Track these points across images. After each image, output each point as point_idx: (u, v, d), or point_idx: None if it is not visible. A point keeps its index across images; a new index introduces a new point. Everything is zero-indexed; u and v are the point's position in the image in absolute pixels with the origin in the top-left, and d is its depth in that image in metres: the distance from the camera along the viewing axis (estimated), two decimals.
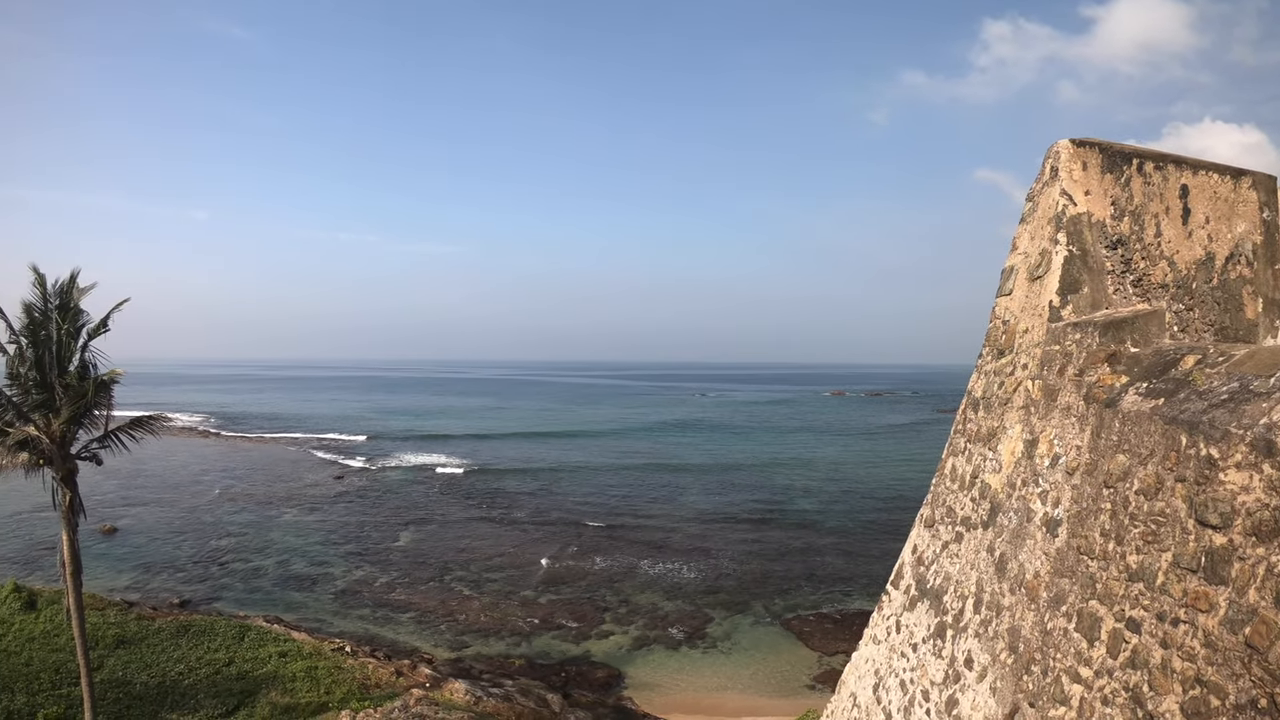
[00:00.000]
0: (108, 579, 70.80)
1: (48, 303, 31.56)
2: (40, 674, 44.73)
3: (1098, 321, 9.91)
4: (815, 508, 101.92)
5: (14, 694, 42.00)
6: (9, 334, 31.16)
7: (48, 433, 31.05)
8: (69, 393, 31.29)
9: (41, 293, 31.45)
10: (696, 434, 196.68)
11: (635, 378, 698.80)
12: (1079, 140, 11.25)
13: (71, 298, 31.89)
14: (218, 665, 46.76)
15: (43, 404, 31.31)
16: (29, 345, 31.31)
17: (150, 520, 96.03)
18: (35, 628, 51.90)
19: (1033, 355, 10.98)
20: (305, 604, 66.22)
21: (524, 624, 61.40)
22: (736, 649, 56.27)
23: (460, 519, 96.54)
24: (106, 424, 33.06)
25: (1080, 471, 9.27)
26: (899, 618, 14.47)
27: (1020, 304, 11.65)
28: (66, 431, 31.55)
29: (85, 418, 32.15)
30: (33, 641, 49.68)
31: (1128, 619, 8.16)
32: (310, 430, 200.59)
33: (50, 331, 31.51)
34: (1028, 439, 10.65)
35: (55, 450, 31.20)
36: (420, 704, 41.89)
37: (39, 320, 31.37)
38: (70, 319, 31.74)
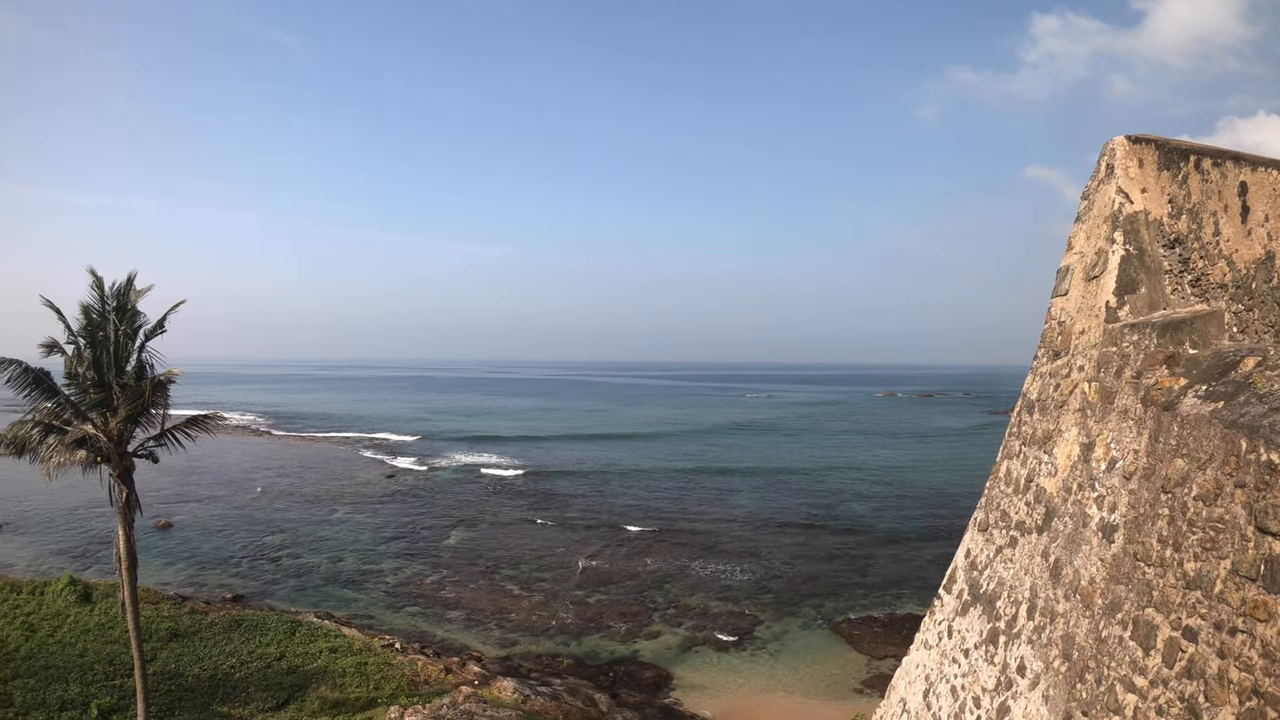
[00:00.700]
0: (162, 573, 71.96)
1: (105, 305, 32.08)
2: (94, 665, 45.43)
3: (1155, 322, 9.70)
4: (866, 510, 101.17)
5: (68, 684, 42.71)
6: (67, 335, 31.69)
7: (105, 431, 31.56)
8: (126, 392, 31.76)
9: (99, 295, 31.98)
10: (747, 435, 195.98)
11: (684, 378, 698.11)
12: (1134, 137, 11.03)
13: (128, 300, 32.35)
14: (269, 659, 47.22)
15: (100, 403, 31.81)
16: (87, 346, 31.85)
17: (204, 516, 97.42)
18: (90, 620, 52.75)
19: (1089, 357, 10.77)
20: (356, 600, 66.79)
21: (573, 623, 61.49)
22: (785, 651, 55.96)
23: (510, 519, 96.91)
24: (163, 422, 33.49)
25: (1137, 476, 9.07)
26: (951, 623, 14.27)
27: (1076, 305, 11.44)
28: (123, 430, 32.02)
29: (142, 416, 32.58)
30: (87, 633, 50.50)
31: (1184, 627, 7.98)
32: (361, 429, 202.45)
33: (108, 333, 32.02)
34: (1084, 442, 10.45)
35: (112, 448, 31.69)
36: (468, 701, 42.06)
37: (97, 322, 31.89)
38: (127, 320, 32.19)
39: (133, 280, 32.74)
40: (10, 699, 40.42)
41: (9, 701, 40.16)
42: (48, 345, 31.26)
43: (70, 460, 30.61)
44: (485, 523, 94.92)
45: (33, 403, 31.72)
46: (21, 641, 49.10)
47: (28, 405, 32.00)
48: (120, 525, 32.75)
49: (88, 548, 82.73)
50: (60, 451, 30.48)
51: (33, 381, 31.23)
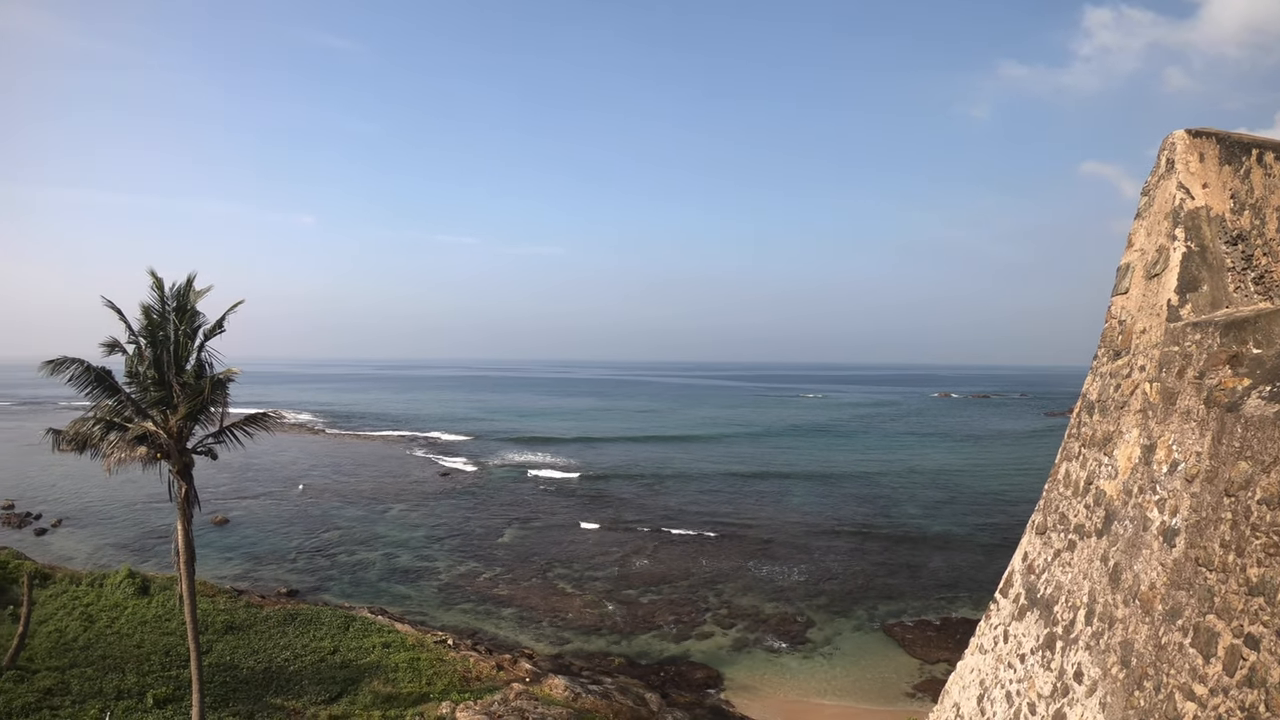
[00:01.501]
0: (219, 568, 73.12)
1: (165, 305, 32.54)
2: (150, 656, 46.15)
3: (1218, 321, 9.47)
4: (920, 513, 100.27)
5: (125, 674, 43.42)
6: (128, 334, 32.21)
7: (165, 428, 32.03)
8: (186, 390, 32.22)
9: (159, 295, 32.45)
10: (801, 436, 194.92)
11: (738, 378, 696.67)
12: (1195, 130, 10.79)
13: (188, 300, 32.78)
14: (322, 653, 47.69)
15: (160, 401, 32.30)
16: (147, 345, 32.36)
17: (260, 512, 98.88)
18: (147, 612, 53.63)
19: (1150, 357, 10.55)
20: (409, 596, 67.33)
21: (624, 623, 61.53)
22: (837, 654, 55.59)
23: (564, 519, 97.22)
24: (222, 420, 33.90)
25: (1200, 479, 8.86)
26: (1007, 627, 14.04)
27: (1137, 303, 11.21)
28: (183, 427, 32.48)
29: (201, 414, 33.01)
30: (144, 625, 51.33)
31: (1246, 635, 7.77)
32: (416, 428, 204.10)
33: (168, 332, 32.49)
34: (1145, 444, 10.23)
35: (172, 445, 32.15)
36: (520, 698, 42.22)
37: (157, 322, 32.36)
38: (187, 320, 32.63)
39: (192, 281, 33.20)
40: (68, 688, 41.18)
41: (66, 690, 40.92)
42: (109, 344, 31.78)
43: (131, 456, 31.11)
44: (538, 522, 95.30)
45: (94, 400, 32.28)
46: (80, 632, 50.04)
47: (89, 403, 32.59)
48: (179, 520, 33.23)
49: (145, 541, 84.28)
50: (121, 447, 30.99)
51: (94, 380, 31.78)
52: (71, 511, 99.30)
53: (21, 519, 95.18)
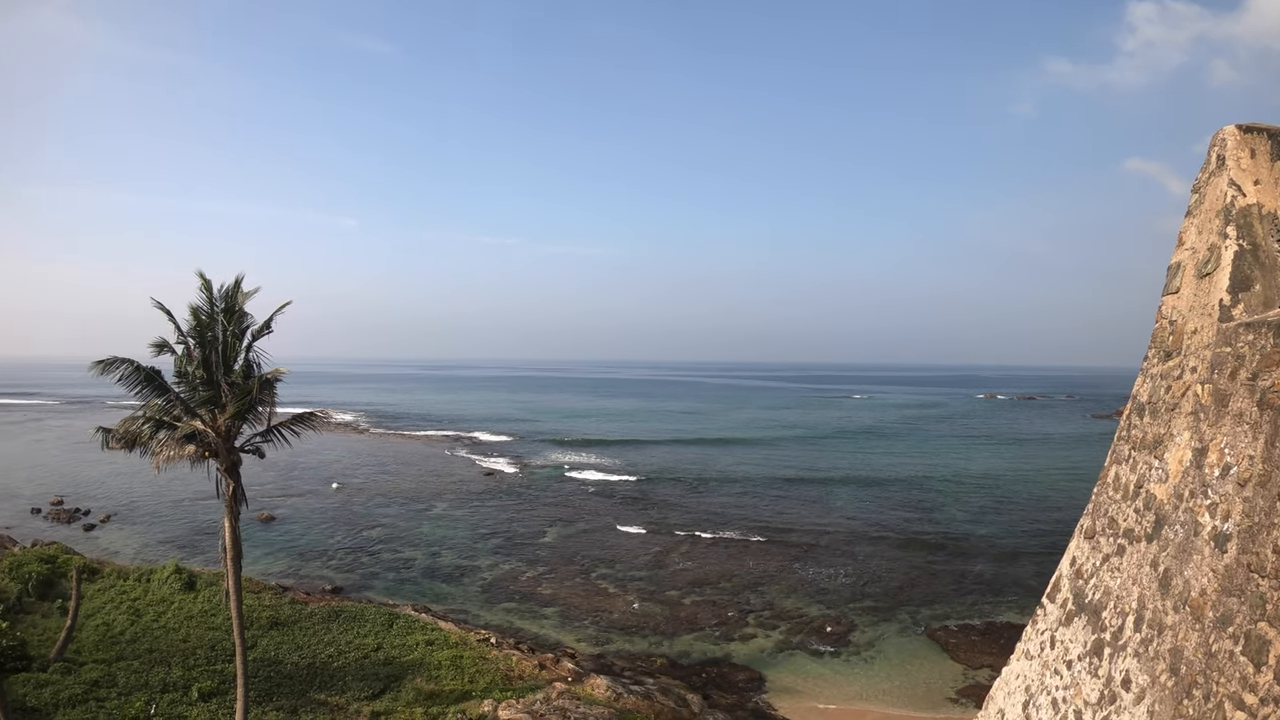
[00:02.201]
0: (264, 564, 73.94)
1: (214, 306, 32.95)
2: (196, 650, 46.74)
3: (1272, 321, 9.26)
4: (965, 516, 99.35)
5: (170, 667, 44.02)
6: (177, 335, 32.62)
7: (214, 427, 32.42)
8: (234, 390, 32.60)
9: (208, 297, 32.86)
10: (845, 438, 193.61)
11: (782, 378, 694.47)
12: (1245, 126, 10.56)
13: (236, 301, 33.14)
14: (366, 650, 48.06)
15: (209, 400, 32.70)
16: (196, 345, 32.78)
17: (305, 510, 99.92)
18: (194, 607, 54.34)
19: (1202, 358, 10.34)
20: (452, 595, 67.69)
21: (667, 623, 61.47)
22: (880, 657, 55.16)
23: (607, 519, 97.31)
24: (269, 419, 34.26)
25: (1252, 483, 8.66)
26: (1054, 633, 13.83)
27: (1188, 303, 10.99)
28: (231, 426, 32.86)
29: (249, 413, 33.39)
30: (191, 619, 52.01)
31: None
32: (459, 428, 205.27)
33: (216, 333, 32.89)
34: (1196, 447, 10.03)
35: (221, 443, 32.54)
36: (562, 698, 42.28)
37: (205, 322, 32.77)
38: (235, 321, 33.00)
39: (240, 283, 33.56)
40: (114, 680, 41.79)
41: (113, 682, 41.52)
42: (158, 345, 32.20)
43: (180, 454, 31.51)
44: (581, 522, 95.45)
45: (143, 400, 32.72)
46: (127, 625, 50.80)
47: (138, 402, 33.04)
48: (227, 517, 33.62)
49: (192, 538, 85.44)
50: (170, 446, 31.40)
51: (144, 379, 32.23)
52: (119, 508, 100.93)
53: (71, 515, 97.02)
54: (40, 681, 40.63)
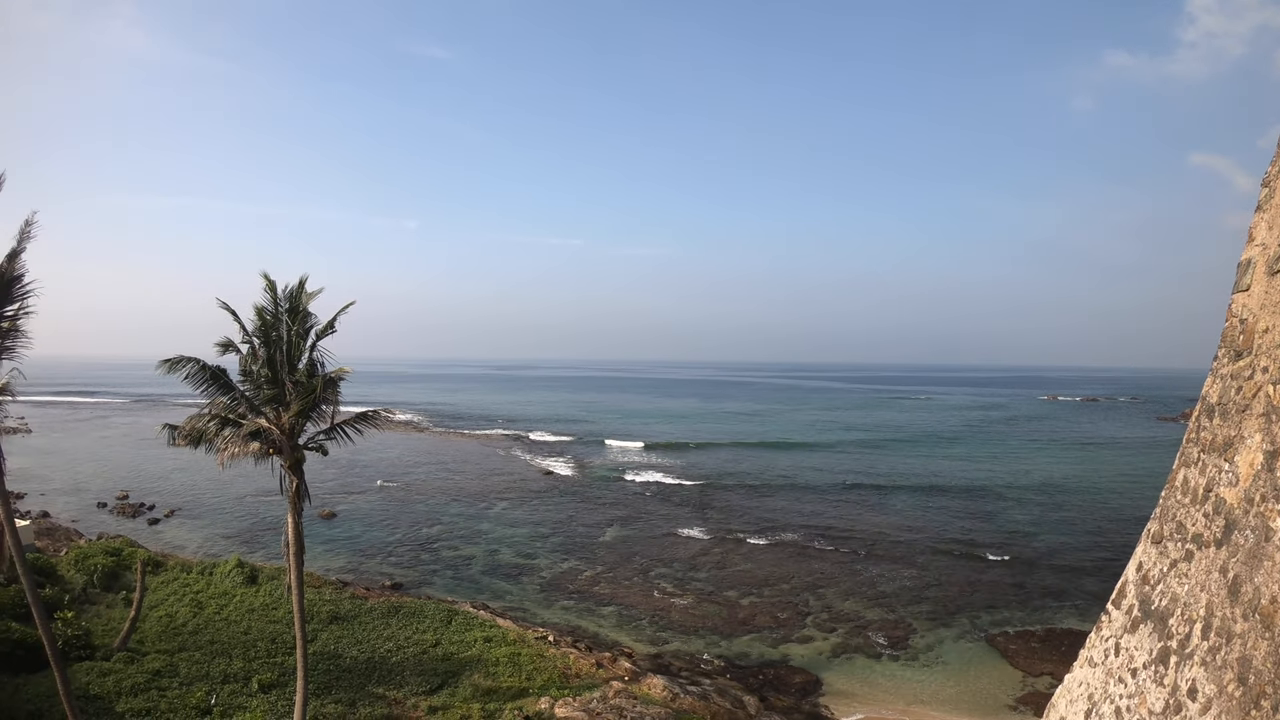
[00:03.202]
0: (325, 560, 74.86)
1: (278, 306, 33.44)
2: (257, 643, 47.45)
3: None
4: (1027, 520, 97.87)
5: (231, 659, 44.74)
6: (242, 334, 33.17)
7: (278, 425, 32.87)
8: (298, 389, 33.02)
9: (272, 297, 33.36)
10: (905, 438, 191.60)
11: (842, 379, 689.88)
12: None
13: (300, 301, 33.59)
14: (425, 646, 48.48)
15: (273, 399, 33.17)
16: (261, 345, 33.31)
17: (366, 507, 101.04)
18: (255, 600, 55.19)
19: (1274, 357, 10.04)
20: (511, 592, 68.04)
21: (724, 624, 61.28)
22: (938, 663, 54.50)
23: (665, 519, 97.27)
24: (333, 417, 34.67)
25: None
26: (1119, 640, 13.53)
27: (1259, 301, 10.69)
28: (295, 424, 33.30)
29: (313, 411, 33.83)
30: (252, 613, 52.83)
31: None
32: (519, 428, 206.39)
33: (280, 332, 33.37)
34: (1268, 450, 9.75)
35: (285, 441, 32.98)
36: (619, 697, 42.30)
37: (270, 322, 33.27)
38: (299, 321, 33.45)
39: (304, 283, 34.01)
40: (176, 670, 42.52)
41: (175, 672, 42.25)
42: (223, 344, 32.75)
43: (244, 451, 31.99)
44: (640, 522, 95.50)
45: (209, 398, 33.29)
46: (189, 617, 51.68)
47: (204, 400, 33.62)
48: (290, 513, 34.07)
49: (254, 533, 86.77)
50: (236, 443, 31.90)
51: (209, 378, 32.82)
52: (183, 503, 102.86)
53: (136, 509, 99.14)
54: (104, 670, 41.53)
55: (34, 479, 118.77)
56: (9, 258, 29.51)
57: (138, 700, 38.51)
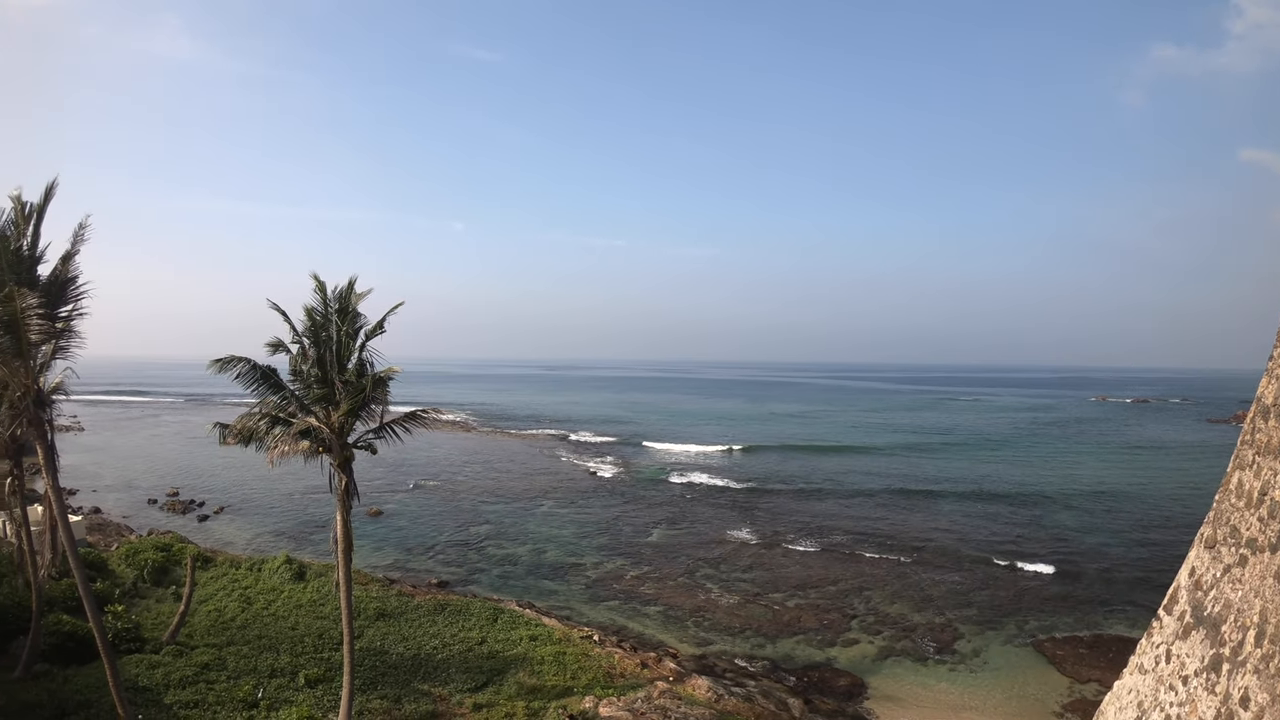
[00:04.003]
0: (372, 557, 75.62)
1: (328, 307, 33.86)
2: (304, 638, 48.01)
3: None
4: (1075, 524, 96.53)
5: (279, 653, 45.28)
6: (292, 335, 33.61)
7: (327, 423, 33.26)
8: (348, 388, 33.38)
9: (322, 298, 33.78)
10: (952, 440, 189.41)
11: (890, 379, 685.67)
12: None
13: (349, 302, 33.97)
14: (470, 643, 48.78)
15: (323, 398, 33.56)
16: (311, 345, 33.74)
17: (413, 506, 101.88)
18: (303, 596, 55.82)
19: None
20: (557, 592, 68.26)
21: (769, 626, 61.05)
22: (984, 668, 53.88)
23: (711, 520, 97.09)
24: (382, 417, 35.01)
25: None
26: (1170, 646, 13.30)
27: None
28: (345, 423, 33.67)
29: (362, 410, 34.18)
30: (299, 609, 53.45)
31: None
32: (565, 428, 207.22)
33: (330, 333, 33.76)
34: None
35: (334, 439, 33.38)
36: (663, 697, 42.28)
37: (319, 323, 33.70)
38: (349, 322, 33.82)
39: (353, 284, 34.39)
40: (224, 664, 43.14)
41: (223, 666, 42.85)
42: (273, 344, 33.21)
43: (294, 449, 32.41)
44: (686, 523, 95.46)
45: (259, 397, 33.76)
46: (238, 612, 52.38)
47: (254, 399, 34.12)
48: (339, 511, 34.44)
49: (301, 530, 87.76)
50: (286, 441, 32.33)
51: (260, 377, 33.28)
52: (232, 500, 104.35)
53: (186, 505, 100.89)
54: (153, 663, 42.28)
55: (86, 476, 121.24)
56: (63, 260, 30.12)
57: (186, 692, 39.12)
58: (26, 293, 26.96)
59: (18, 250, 28.41)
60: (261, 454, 33.05)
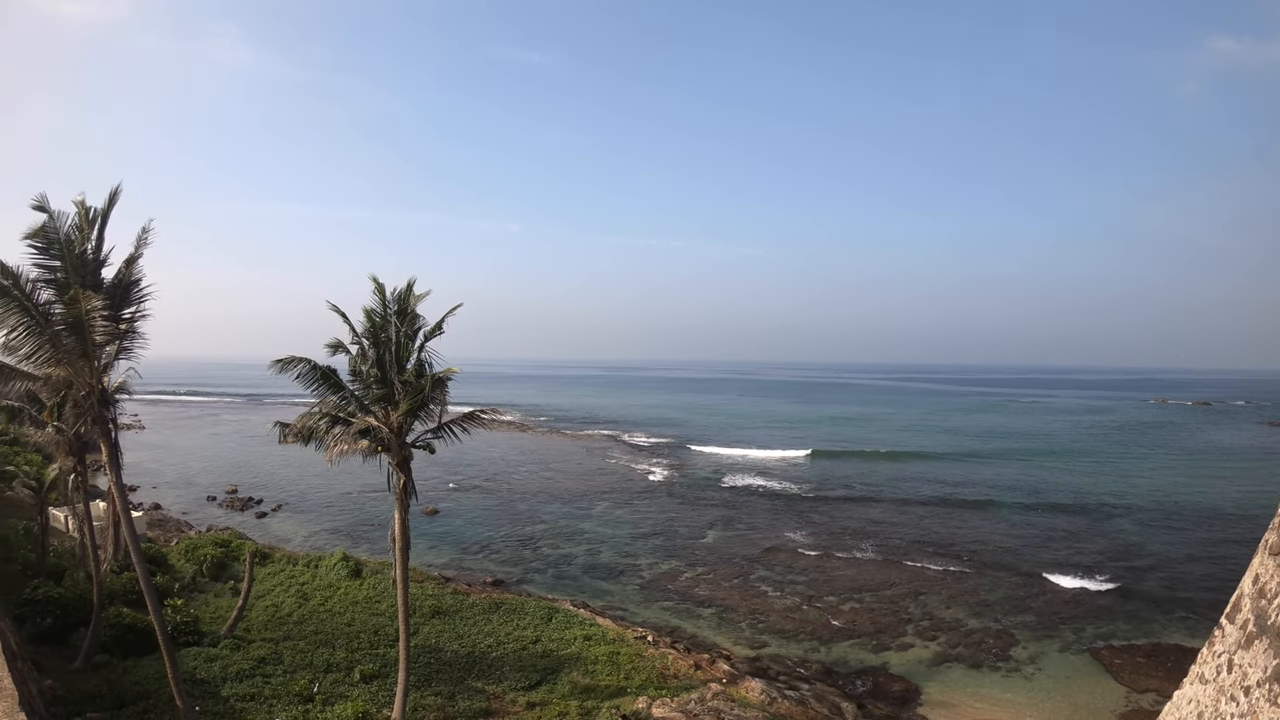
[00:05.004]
0: (427, 555, 76.32)
1: (387, 309, 34.38)
2: (360, 634, 48.64)
3: None
4: (1135, 529, 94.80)
5: (334, 649, 45.94)
6: (352, 336, 34.13)
7: (387, 423, 33.74)
8: (407, 388, 33.84)
9: (381, 300, 34.34)
10: (1012, 444, 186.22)
11: (946, 380, 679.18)
12: None
13: (408, 304, 34.42)
14: (525, 642, 49.12)
15: (382, 398, 34.07)
16: (370, 346, 34.28)
17: (469, 505, 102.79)
18: (359, 593, 56.57)
19: None
20: (611, 592, 68.48)
21: (823, 629, 60.74)
22: (1040, 675, 53.08)
23: (767, 522, 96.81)
24: (440, 417, 35.41)
25: None
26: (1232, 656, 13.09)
27: None
28: (404, 422, 34.13)
29: (421, 410, 34.61)
30: (356, 605, 54.19)
31: None
32: (620, 428, 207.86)
33: (389, 334, 34.25)
34: None
35: (393, 439, 33.87)
36: (716, 699, 42.30)
37: (379, 324, 34.25)
38: (408, 323, 34.27)
39: (412, 286, 34.82)
40: (280, 658, 43.83)
41: (279, 660, 43.53)
42: (333, 345, 33.81)
43: (354, 448, 32.94)
44: (741, 524, 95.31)
45: (319, 397, 34.36)
46: (295, 608, 53.21)
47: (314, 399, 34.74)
48: (397, 509, 34.92)
49: (358, 528, 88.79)
50: (345, 440, 32.87)
51: (320, 378, 33.87)
52: (290, 498, 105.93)
53: (245, 503, 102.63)
54: (211, 656, 43.08)
55: (147, 473, 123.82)
56: (127, 263, 30.78)
57: (243, 685, 39.80)
58: (92, 295, 27.56)
59: (82, 254, 29.01)
60: (319, 453, 33.62)
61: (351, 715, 36.14)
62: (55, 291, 28.58)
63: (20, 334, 27.94)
